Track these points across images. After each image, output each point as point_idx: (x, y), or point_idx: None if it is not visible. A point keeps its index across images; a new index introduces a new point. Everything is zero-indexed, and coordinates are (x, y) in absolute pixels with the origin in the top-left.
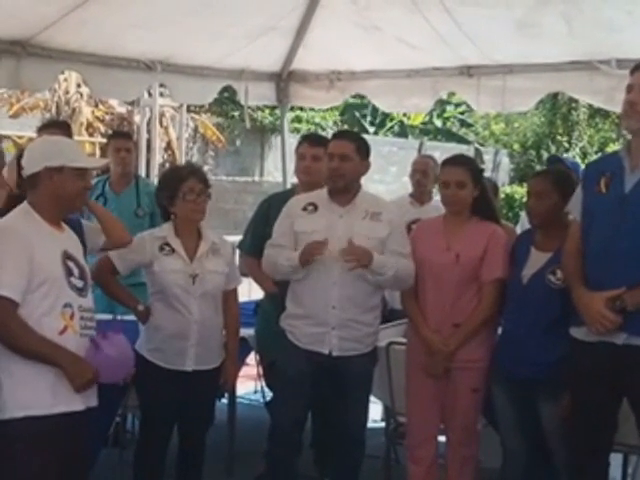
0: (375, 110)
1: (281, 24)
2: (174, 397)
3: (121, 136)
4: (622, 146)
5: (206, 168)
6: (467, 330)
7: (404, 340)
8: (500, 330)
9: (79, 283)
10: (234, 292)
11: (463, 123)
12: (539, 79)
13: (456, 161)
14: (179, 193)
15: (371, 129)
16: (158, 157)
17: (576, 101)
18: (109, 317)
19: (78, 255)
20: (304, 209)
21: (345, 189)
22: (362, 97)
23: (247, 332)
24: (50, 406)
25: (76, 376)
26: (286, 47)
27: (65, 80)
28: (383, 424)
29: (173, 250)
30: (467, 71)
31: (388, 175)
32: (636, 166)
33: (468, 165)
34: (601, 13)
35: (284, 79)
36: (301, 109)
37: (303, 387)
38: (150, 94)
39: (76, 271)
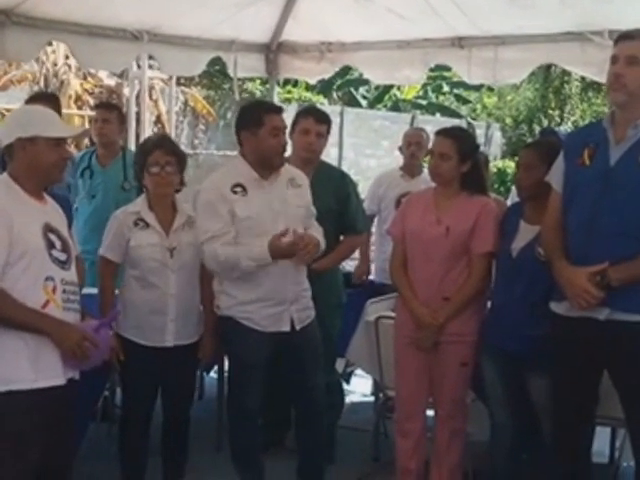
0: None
1: None
2: (155, 374)
3: (101, 107)
4: (605, 117)
5: (196, 142)
6: (457, 303)
7: (393, 314)
8: (489, 304)
9: (62, 256)
10: None
11: (459, 98)
12: (531, 50)
13: (445, 133)
14: (145, 166)
15: (364, 103)
16: (148, 130)
17: (569, 74)
18: (95, 291)
19: (61, 228)
20: (234, 192)
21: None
22: (347, 71)
23: None
24: (31, 381)
25: (63, 340)
26: (275, 18)
27: (53, 52)
28: (372, 398)
29: (148, 224)
30: (458, 42)
31: (380, 149)
32: (621, 139)
33: (457, 138)
34: None
35: (273, 50)
36: (294, 85)
37: (262, 371)
38: (139, 66)
39: (58, 244)
